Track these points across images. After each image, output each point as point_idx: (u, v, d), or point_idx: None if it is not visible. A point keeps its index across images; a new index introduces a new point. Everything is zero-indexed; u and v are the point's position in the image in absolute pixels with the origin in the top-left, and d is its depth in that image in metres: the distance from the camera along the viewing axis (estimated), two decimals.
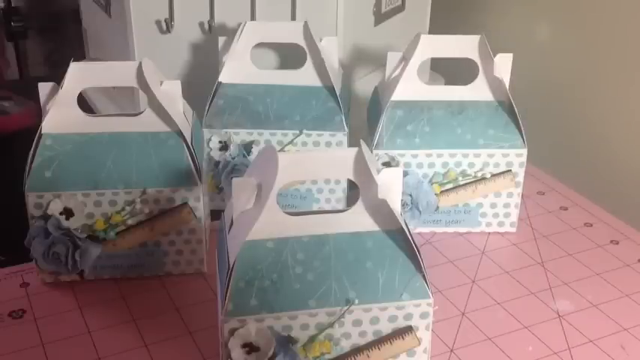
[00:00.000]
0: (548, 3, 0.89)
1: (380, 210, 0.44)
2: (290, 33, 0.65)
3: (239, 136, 0.65)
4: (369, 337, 0.45)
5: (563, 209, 0.70)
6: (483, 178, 0.64)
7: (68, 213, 0.54)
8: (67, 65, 0.54)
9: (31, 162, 0.54)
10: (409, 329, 0.45)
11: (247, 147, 0.65)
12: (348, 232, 0.45)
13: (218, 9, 0.71)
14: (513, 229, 0.66)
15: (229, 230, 0.44)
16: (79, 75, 0.54)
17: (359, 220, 0.44)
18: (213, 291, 0.57)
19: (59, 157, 0.54)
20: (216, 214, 0.64)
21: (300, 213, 0.44)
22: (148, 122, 0.55)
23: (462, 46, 0.63)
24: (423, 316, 0.45)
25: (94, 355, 0.50)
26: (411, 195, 0.63)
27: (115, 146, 0.55)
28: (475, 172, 0.63)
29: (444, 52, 0.64)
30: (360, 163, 0.43)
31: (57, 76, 0.55)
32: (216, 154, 0.65)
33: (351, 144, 0.66)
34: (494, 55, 0.62)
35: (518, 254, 0.63)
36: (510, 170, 0.63)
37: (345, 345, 0.45)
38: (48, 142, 0.55)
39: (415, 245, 0.44)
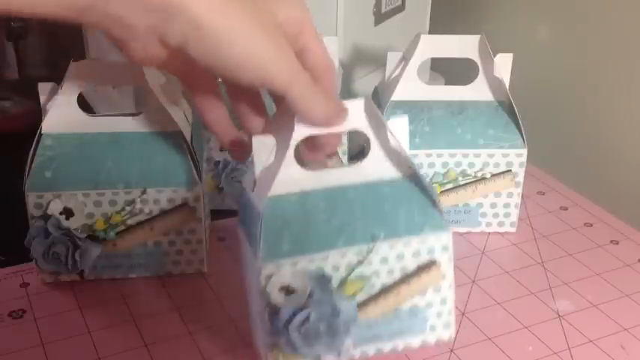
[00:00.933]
0: (548, 3, 0.89)
1: (393, 157, 0.47)
2: None
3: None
4: (397, 275, 0.47)
5: (563, 209, 0.70)
6: (483, 178, 0.64)
7: (68, 213, 0.54)
8: (67, 65, 0.54)
9: (31, 162, 0.54)
10: (433, 263, 0.47)
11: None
12: (364, 181, 0.47)
13: None
14: (513, 229, 0.66)
15: (253, 189, 0.46)
16: (79, 75, 0.54)
17: (374, 169, 0.47)
18: (214, 291, 0.57)
19: (59, 157, 0.54)
20: (216, 214, 0.64)
21: (317, 169, 0.47)
22: (148, 122, 0.55)
23: (462, 46, 0.63)
24: (445, 249, 0.47)
25: (94, 355, 0.50)
26: None
27: (115, 146, 0.55)
28: (475, 172, 0.63)
29: (444, 52, 0.64)
30: (371, 111, 0.45)
31: (57, 76, 0.55)
32: (216, 154, 0.65)
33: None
34: (495, 55, 0.62)
35: (518, 254, 0.63)
36: (510, 170, 0.63)
37: (376, 284, 0.46)
38: (48, 142, 0.55)
39: (430, 186, 0.47)
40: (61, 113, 0.54)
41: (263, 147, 0.45)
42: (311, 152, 0.47)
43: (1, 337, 0.52)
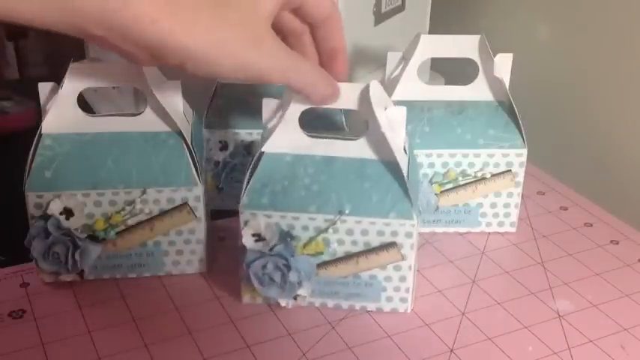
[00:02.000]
0: (548, 3, 0.89)
1: (381, 143, 0.52)
2: None
3: (239, 136, 0.65)
4: (360, 247, 0.53)
5: (563, 209, 0.70)
6: (483, 178, 0.64)
7: (68, 213, 0.54)
8: (67, 65, 0.54)
9: (31, 162, 0.54)
10: (394, 244, 0.52)
11: (247, 147, 0.65)
12: (354, 157, 0.53)
13: None
14: (513, 229, 0.66)
15: (261, 144, 0.54)
16: (79, 75, 0.54)
17: (364, 148, 0.52)
18: (214, 291, 0.57)
19: (59, 157, 0.54)
20: (216, 214, 0.64)
21: (316, 136, 0.53)
22: (148, 122, 0.55)
23: (462, 46, 0.63)
24: (408, 235, 0.52)
25: (94, 355, 0.50)
26: None
27: (115, 146, 0.55)
28: (475, 172, 0.63)
29: (444, 52, 0.64)
30: (365, 98, 0.50)
31: (57, 76, 0.55)
32: (216, 154, 0.65)
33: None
34: (494, 55, 0.62)
35: (518, 254, 0.63)
36: (510, 170, 0.63)
37: (339, 250, 0.53)
38: (48, 142, 0.55)
39: (407, 177, 0.52)
40: (61, 113, 0.54)
41: (270, 108, 0.52)
42: None
43: (1, 337, 0.52)
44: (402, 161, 0.52)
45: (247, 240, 0.52)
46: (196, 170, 0.55)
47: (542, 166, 0.76)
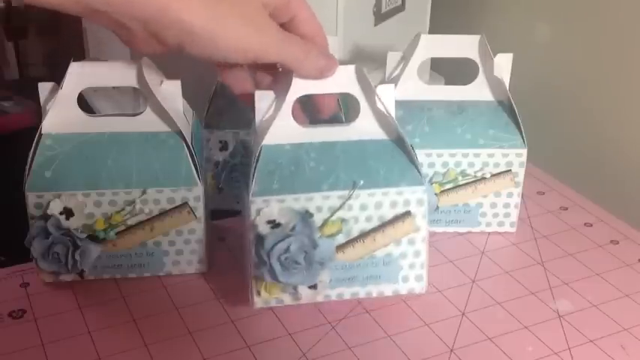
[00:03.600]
0: (548, 3, 0.89)
1: (380, 120, 0.53)
2: None
3: (239, 136, 0.65)
4: (375, 222, 0.53)
5: (563, 209, 0.70)
6: (483, 178, 0.64)
7: (68, 213, 0.54)
8: (67, 65, 0.54)
9: (31, 162, 0.54)
10: (408, 214, 0.53)
11: (247, 147, 0.65)
12: (352, 139, 0.53)
13: None
14: (513, 229, 0.66)
15: (253, 138, 0.54)
16: (79, 75, 0.54)
17: (361, 130, 0.53)
18: (214, 291, 0.57)
19: (59, 157, 0.54)
20: (216, 214, 0.64)
21: (310, 125, 0.53)
22: (148, 122, 0.55)
23: (462, 45, 0.63)
24: (419, 202, 0.53)
25: (94, 355, 0.50)
26: None
27: (115, 146, 0.55)
28: (475, 172, 0.63)
29: (444, 52, 0.64)
30: (361, 76, 0.51)
31: (57, 76, 0.55)
32: (216, 154, 0.65)
33: None
34: (494, 55, 0.62)
35: (518, 254, 0.63)
36: (510, 170, 0.63)
37: (354, 228, 0.52)
38: (48, 142, 0.55)
39: (411, 147, 0.52)
40: (61, 113, 0.54)
41: (264, 100, 0.52)
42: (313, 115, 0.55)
43: (1, 337, 0.52)
44: (403, 135, 0.52)
45: (263, 228, 0.50)
46: (196, 170, 0.55)
47: (542, 166, 0.76)
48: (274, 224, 0.51)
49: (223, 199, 0.67)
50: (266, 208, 0.51)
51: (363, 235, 0.53)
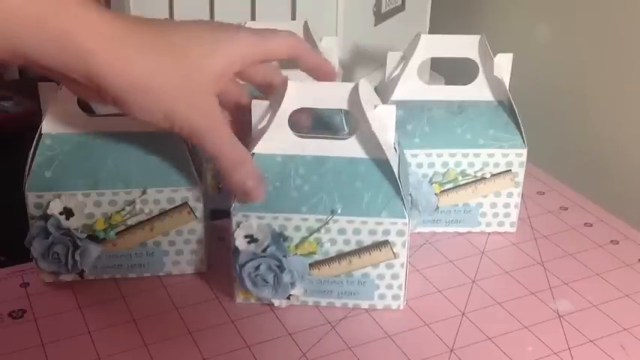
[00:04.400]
0: (548, 3, 0.89)
1: (372, 141, 0.52)
2: None
3: None
4: (352, 246, 0.53)
5: (563, 209, 0.70)
6: (483, 178, 0.64)
7: (68, 213, 0.54)
8: None
9: (31, 162, 0.54)
10: (386, 243, 0.53)
11: None
12: (345, 156, 0.53)
13: (218, 9, 0.71)
14: (513, 229, 0.66)
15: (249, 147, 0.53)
16: None
17: (355, 148, 0.53)
18: (214, 291, 0.57)
19: (59, 156, 0.54)
20: (216, 214, 0.64)
21: (306, 136, 0.53)
22: (147, 122, 0.55)
23: (462, 45, 0.63)
24: (400, 233, 0.53)
25: (94, 355, 0.50)
26: (410, 194, 0.63)
27: (115, 146, 0.55)
28: (475, 172, 0.63)
29: (444, 52, 0.64)
30: (354, 97, 0.51)
31: None
32: None
33: None
34: (494, 55, 0.62)
35: (518, 254, 0.63)
36: (510, 170, 0.63)
37: (332, 250, 0.53)
38: (48, 142, 0.55)
39: (398, 175, 0.52)
40: (61, 113, 0.54)
41: (259, 110, 0.52)
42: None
43: (1, 337, 0.52)
44: (393, 160, 0.52)
45: (240, 242, 0.53)
46: (196, 170, 0.55)
47: (542, 166, 0.76)
48: (251, 239, 0.53)
49: (223, 199, 0.66)
50: (245, 222, 0.53)
51: (340, 256, 0.53)
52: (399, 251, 0.53)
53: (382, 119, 0.51)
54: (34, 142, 0.54)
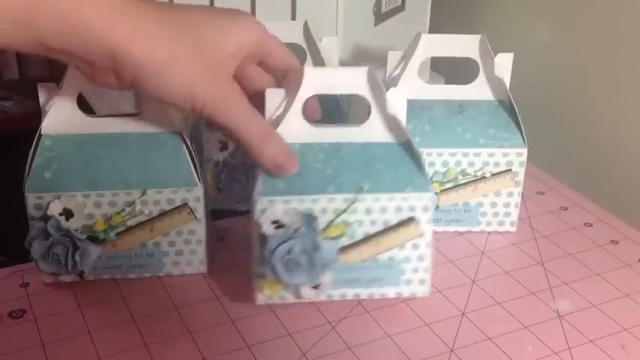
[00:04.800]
0: (548, 3, 0.89)
1: (389, 123, 0.52)
2: (290, 33, 0.65)
3: None
4: (379, 226, 0.52)
5: (563, 209, 0.70)
6: (483, 178, 0.64)
7: (68, 214, 0.54)
8: (67, 65, 0.54)
9: (31, 163, 0.54)
10: (412, 220, 0.52)
11: None
12: (361, 141, 0.53)
13: None
14: (513, 229, 0.66)
15: None
16: (78, 75, 0.54)
17: (370, 133, 0.53)
18: (214, 291, 0.57)
19: (59, 157, 0.54)
20: (216, 214, 0.64)
21: (320, 125, 0.53)
22: (147, 123, 0.55)
23: (463, 45, 0.63)
24: (425, 209, 0.52)
25: (94, 355, 0.50)
26: None
27: (115, 147, 0.55)
28: (475, 172, 0.63)
29: (445, 52, 0.64)
30: (372, 79, 0.51)
31: (57, 76, 0.55)
32: (216, 154, 0.65)
33: None
34: (495, 55, 0.62)
35: (518, 254, 0.63)
36: (510, 170, 0.63)
37: (358, 232, 0.52)
38: (47, 143, 0.55)
39: (419, 154, 0.52)
40: (60, 113, 0.54)
41: (274, 98, 0.52)
42: None
43: (1, 337, 0.52)
44: (411, 140, 0.52)
45: (267, 227, 0.50)
46: (196, 170, 0.55)
47: (542, 166, 0.76)
48: (278, 225, 0.50)
49: (223, 199, 0.67)
50: (271, 208, 0.51)
51: (367, 238, 0.53)
52: (425, 230, 0.53)
53: (394, 102, 0.52)
54: (34, 143, 0.54)
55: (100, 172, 0.54)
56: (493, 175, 0.64)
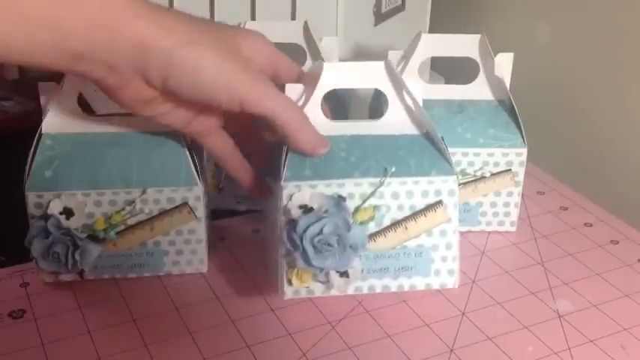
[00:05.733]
0: (548, 3, 0.89)
1: (409, 115, 0.53)
2: (290, 33, 0.65)
3: None
4: (406, 212, 0.52)
5: (563, 209, 0.70)
6: (483, 177, 0.64)
7: (68, 213, 0.54)
8: None
9: (31, 162, 0.54)
10: (440, 203, 0.52)
11: None
12: (381, 133, 0.53)
13: (218, 9, 0.71)
14: (513, 229, 0.66)
15: None
16: None
17: (390, 126, 0.53)
18: (214, 291, 0.57)
19: (59, 156, 0.54)
20: (216, 214, 0.64)
21: (339, 120, 0.54)
22: (147, 122, 0.55)
23: (463, 45, 0.63)
24: (450, 193, 0.52)
25: (94, 355, 0.50)
26: None
27: (115, 146, 0.55)
28: (475, 171, 0.63)
29: (445, 51, 0.64)
30: (391, 72, 0.51)
31: (57, 76, 0.55)
32: None
33: None
34: (495, 55, 0.62)
35: (518, 254, 0.63)
36: (510, 169, 0.63)
37: (386, 217, 0.52)
38: (48, 142, 0.55)
39: (442, 141, 0.53)
40: (61, 113, 0.54)
41: (293, 93, 0.52)
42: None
43: (1, 337, 0.52)
44: (432, 129, 0.53)
45: (295, 212, 0.50)
46: (196, 170, 0.55)
47: (542, 166, 0.76)
48: (306, 209, 0.50)
49: (223, 199, 0.67)
50: (298, 193, 0.50)
51: (395, 224, 0.52)
52: (452, 214, 0.52)
53: (412, 93, 0.52)
54: (34, 142, 0.55)
55: (100, 171, 0.55)
56: (493, 174, 0.64)
